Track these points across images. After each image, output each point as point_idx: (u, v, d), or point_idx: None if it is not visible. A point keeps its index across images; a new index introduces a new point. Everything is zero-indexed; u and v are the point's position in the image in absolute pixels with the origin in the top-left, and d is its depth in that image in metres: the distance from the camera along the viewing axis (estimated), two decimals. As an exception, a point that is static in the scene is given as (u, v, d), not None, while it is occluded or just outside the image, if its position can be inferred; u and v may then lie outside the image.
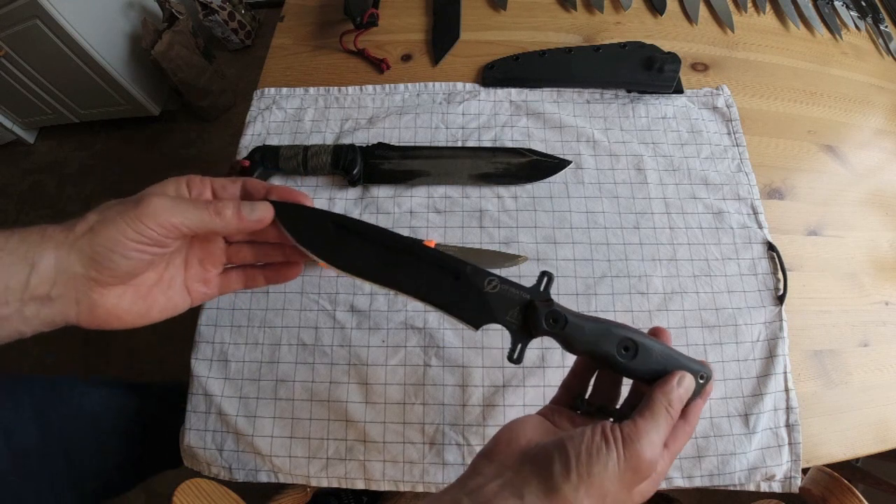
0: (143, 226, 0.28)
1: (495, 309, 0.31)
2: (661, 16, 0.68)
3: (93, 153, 1.67)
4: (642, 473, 0.26)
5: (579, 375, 0.34)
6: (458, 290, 0.31)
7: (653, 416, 0.28)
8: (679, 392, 0.29)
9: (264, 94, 0.62)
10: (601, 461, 0.25)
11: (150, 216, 0.28)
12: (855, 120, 0.63)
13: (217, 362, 0.48)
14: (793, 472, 0.44)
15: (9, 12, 1.21)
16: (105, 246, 0.28)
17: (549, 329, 0.30)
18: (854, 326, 0.51)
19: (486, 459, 0.28)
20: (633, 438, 0.26)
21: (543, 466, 0.26)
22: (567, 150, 0.57)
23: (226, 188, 0.33)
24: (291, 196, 0.33)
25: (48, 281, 0.28)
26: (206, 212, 0.29)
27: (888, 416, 0.48)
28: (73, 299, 0.29)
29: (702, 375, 0.30)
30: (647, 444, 0.26)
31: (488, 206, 0.54)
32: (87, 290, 0.29)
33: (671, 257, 0.51)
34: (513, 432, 0.29)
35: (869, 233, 0.56)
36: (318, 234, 0.32)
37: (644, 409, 0.28)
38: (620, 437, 0.26)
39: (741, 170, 0.56)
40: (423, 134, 0.58)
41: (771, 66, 0.65)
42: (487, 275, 0.31)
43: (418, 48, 0.66)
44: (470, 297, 0.31)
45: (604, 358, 0.30)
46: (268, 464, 0.45)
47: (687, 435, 0.30)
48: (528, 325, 0.31)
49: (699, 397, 0.30)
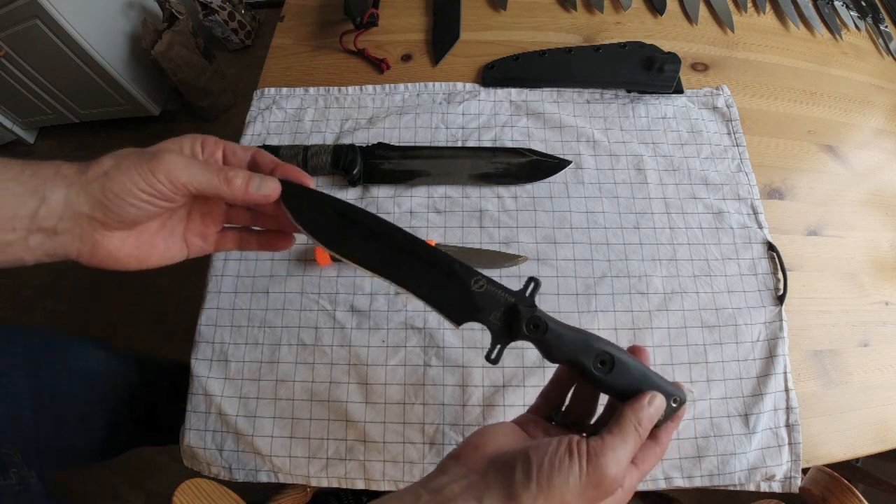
0: (155, 179, 0.29)
1: (480, 308, 0.31)
2: (661, 16, 0.68)
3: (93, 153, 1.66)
4: (604, 489, 0.26)
5: (558, 385, 0.34)
6: (447, 285, 0.32)
7: (621, 433, 0.27)
8: (649, 411, 0.29)
9: (264, 94, 0.62)
10: (563, 473, 0.25)
11: (163, 171, 0.29)
12: (855, 120, 0.63)
13: (217, 362, 0.48)
14: (793, 472, 0.44)
15: (9, 12, 1.21)
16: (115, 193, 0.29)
17: (529, 334, 0.30)
18: (854, 326, 0.51)
19: (454, 461, 0.28)
20: (598, 454, 0.26)
21: (506, 473, 0.26)
22: (567, 150, 0.57)
23: (237, 155, 0.34)
24: (297, 176, 0.33)
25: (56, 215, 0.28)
26: (216, 177, 0.30)
27: (888, 416, 0.48)
28: (77, 236, 0.29)
29: (675, 399, 0.30)
30: (611, 460, 0.26)
31: (488, 206, 0.54)
32: (91, 231, 0.30)
33: (671, 257, 0.51)
34: (484, 437, 0.29)
35: (869, 233, 0.56)
36: (318, 217, 0.32)
37: (613, 426, 0.28)
38: (585, 452, 0.26)
39: (741, 170, 0.56)
40: (423, 134, 0.58)
41: (771, 66, 0.65)
42: (475, 274, 0.32)
43: (418, 48, 0.66)
44: (456, 294, 0.31)
45: (580, 369, 0.30)
46: (268, 464, 0.45)
47: (657, 456, 0.30)
48: (510, 327, 0.31)
49: (671, 420, 0.30)
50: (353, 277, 0.51)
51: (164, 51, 1.37)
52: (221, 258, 0.52)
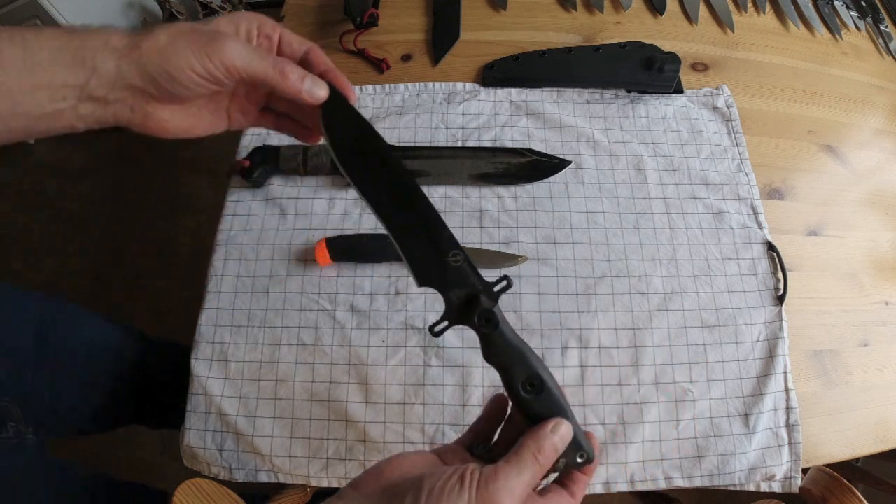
0: (211, 64, 0.29)
1: (446, 280, 0.32)
2: (661, 16, 0.68)
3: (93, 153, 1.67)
4: None
5: (487, 421, 0.34)
6: (427, 245, 0.32)
7: (517, 462, 0.26)
8: (552, 439, 0.27)
9: (264, 94, 0.62)
10: (451, 500, 0.24)
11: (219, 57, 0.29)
12: (855, 120, 0.63)
13: (217, 362, 0.48)
14: (793, 472, 0.44)
15: (9, 12, 1.21)
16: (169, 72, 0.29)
17: (478, 325, 0.31)
18: (854, 326, 0.51)
19: (352, 488, 0.28)
20: (489, 482, 0.25)
21: (397, 499, 0.25)
22: (567, 150, 0.57)
23: (291, 46, 0.34)
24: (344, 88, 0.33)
25: (107, 86, 0.29)
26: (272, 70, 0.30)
27: (888, 416, 0.48)
28: (128, 106, 0.30)
29: (581, 454, 0.29)
30: (503, 489, 0.25)
31: (488, 206, 0.54)
32: (142, 102, 0.30)
33: (671, 257, 0.51)
34: (390, 464, 0.28)
35: (869, 233, 0.56)
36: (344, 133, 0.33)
37: (511, 454, 0.27)
38: (477, 480, 0.25)
39: (741, 170, 0.56)
40: (423, 134, 0.58)
41: (771, 66, 0.65)
42: (456, 247, 0.32)
43: (418, 48, 0.66)
44: (432, 257, 0.32)
45: (508, 381, 0.30)
46: (268, 464, 0.45)
47: None
48: (465, 311, 0.31)
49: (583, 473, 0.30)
50: (353, 277, 0.51)
51: (164, 51, 1.37)
52: (221, 258, 0.52)
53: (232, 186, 0.56)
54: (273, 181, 0.56)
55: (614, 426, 0.45)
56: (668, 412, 0.45)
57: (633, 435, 0.44)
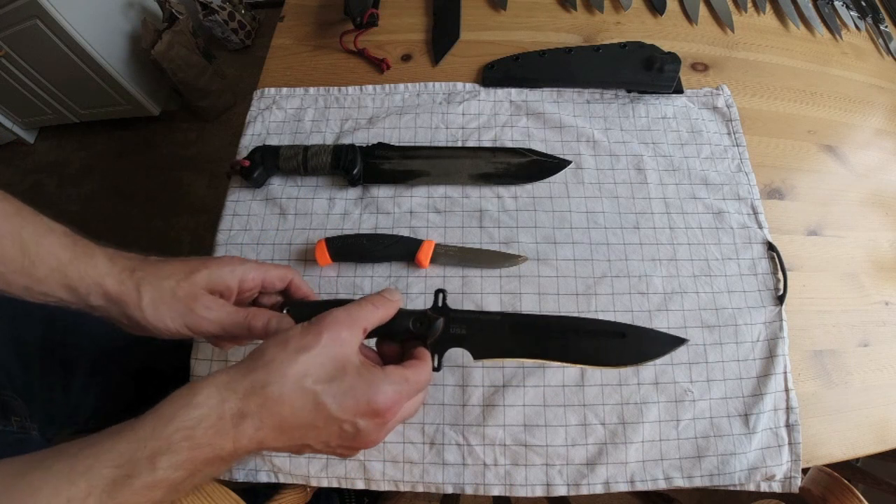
0: (185, 328, 0.36)
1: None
2: (661, 16, 0.68)
3: (93, 153, 1.67)
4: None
5: None
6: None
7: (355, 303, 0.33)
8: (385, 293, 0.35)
9: (264, 94, 0.62)
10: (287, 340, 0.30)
11: (194, 322, 0.36)
12: (855, 120, 0.63)
13: (217, 362, 0.48)
14: (793, 472, 0.44)
15: (9, 12, 1.21)
16: (147, 326, 0.36)
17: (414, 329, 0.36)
18: (854, 326, 0.51)
19: None
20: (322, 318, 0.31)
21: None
22: (567, 150, 0.57)
23: (274, 284, 0.41)
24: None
25: (97, 308, 0.36)
26: (242, 323, 0.37)
27: (888, 416, 0.48)
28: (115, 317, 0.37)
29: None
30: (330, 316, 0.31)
31: (488, 206, 0.54)
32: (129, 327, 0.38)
33: (671, 257, 0.51)
34: None
35: (869, 233, 0.56)
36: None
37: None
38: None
39: (741, 170, 0.56)
40: (423, 134, 0.58)
41: (771, 66, 0.65)
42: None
43: (418, 48, 0.66)
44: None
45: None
46: (268, 464, 0.45)
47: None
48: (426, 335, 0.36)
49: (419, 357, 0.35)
50: (353, 277, 0.51)
51: (164, 51, 1.37)
52: (221, 258, 0.52)
53: (232, 186, 0.56)
54: (273, 181, 0.56)
55: (614, 426, 0.45)
56: (668, 412, 0.45)
57: (633, 435, 0.44)
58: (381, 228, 0.53)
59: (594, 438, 0.44)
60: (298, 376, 0.28)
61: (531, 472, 0.44)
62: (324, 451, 0.31)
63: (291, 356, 0.29)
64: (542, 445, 0.44)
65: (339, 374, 0.29)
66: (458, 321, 0.38)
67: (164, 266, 0.37)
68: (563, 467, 0.44)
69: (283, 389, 0.28)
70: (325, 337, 0.29)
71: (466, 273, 0.50)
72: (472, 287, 0.50)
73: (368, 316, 0.33)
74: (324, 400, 0.28)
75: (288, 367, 0.28)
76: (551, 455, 0.44)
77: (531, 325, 0.38)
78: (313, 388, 0.28)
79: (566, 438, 0.44)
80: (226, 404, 0.27)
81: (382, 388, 0.30)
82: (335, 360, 0.29)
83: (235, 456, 0.28)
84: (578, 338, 0.37)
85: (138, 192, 1.56)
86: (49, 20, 1.23)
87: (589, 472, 0.43)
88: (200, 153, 1.60)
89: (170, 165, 1.59)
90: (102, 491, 0.24)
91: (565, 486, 0.43)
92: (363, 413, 0.29)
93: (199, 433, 0.26)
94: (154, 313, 0.35)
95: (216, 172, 1.55)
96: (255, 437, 0.28)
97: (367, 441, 0.31)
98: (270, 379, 0.28)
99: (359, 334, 0.32)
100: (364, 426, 0.30)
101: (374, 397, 0.29)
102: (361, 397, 0.29)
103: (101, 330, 0.58)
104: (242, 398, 0.27)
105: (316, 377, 0.29)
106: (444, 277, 0.50)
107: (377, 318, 0.33)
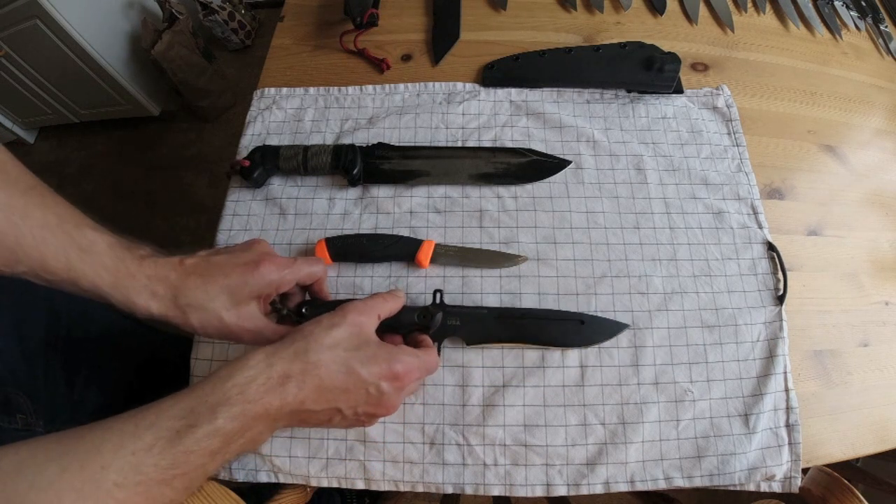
0: (235, 335, 0.40)
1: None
2: (661, 16, 0.68)
3: (93, 153, 1.67)
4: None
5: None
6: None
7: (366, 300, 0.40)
8: (391, 291, 0.44)
9: (264, 94, 0.62)
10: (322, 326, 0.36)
11: (242, 334, 0.40)
12: (855, 120, 0.63)
13: (217, 362, 0.48)
14: (793, 472, 0.44)
15: (9, 12, 1.21)
16: (191, 325, 0.38)
17: (419, 321, 0.44)
18: (854, 326, 0.51)
19: None
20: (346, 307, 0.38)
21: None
22: (567, 150, 0.57)
23: (302, 283, 0.44)
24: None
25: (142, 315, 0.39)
26: (281, 333, 0.40)
27: (888, 416, 0.48)
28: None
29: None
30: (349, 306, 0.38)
31: (488, 206, 0.54)
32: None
33: (671, 257, 0.51)
34: None
35: (869, 233, 0.56)
36: None
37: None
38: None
39: (741, 170, 0.56)
40: (423, 134, 0.58)
41: (771, 66, 0.65)
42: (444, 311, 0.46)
43: (418, 48, 0.66)
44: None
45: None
46: (268, 464, 0.45)
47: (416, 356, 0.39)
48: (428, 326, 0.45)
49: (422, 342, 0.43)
50: (353, 277, 0.51)
51: (164, 51, 1.37)
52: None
53: (232, 186, 0.56)
54: (273, 181, 0.56)
55: (614, 426, 0.45)
56: (668, 412, 0.45)
57: (633, 435, 0.44)
58: (381, 228, 0.53)
59: (594, 438, 0.44)
60: (332, 345, 0.34)
61: (531, 472, 0.44)
62: (351, 417, 0.36)
63: (325, 330, 0.35)
64: (542, 445, 0.44)
65: (364, 345, 0.36)
66: (453, 314, 0.46)
67: (207, 286, 0.38)
68: (563, 467, 0.44)
69: (320, 356, 0.33)
70: (349, 317, 0.36)
71: (466, 273, 0.50)
72: (472, 287, 0.50)
73: (382, 305, 0.40)
74: (353, 365, 0.34)
75: (324, 338, 0.34)
76: (551, 455, 0.44)
77: (511, 315, 0.47)
78: (344, 354, 0.34)
79: (566, 438, 0.44)
80: (273, 367, 0.32)
81: (399, 356, 0.36)
82: (359, 336, 0.36)
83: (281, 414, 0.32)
84: (548, 324, 0.47)
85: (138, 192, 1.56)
86: (49, 20, 1.23)
87: (589, 472, 0.43)
88: (200, 153, 1.60)
89: (170, 165, 1.59)
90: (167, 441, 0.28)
91: (565, 486, 0.43)
92: (385, 376, 0.35)
93: (251, 389, 0.31)
94: (201, 330, 0.39)
95: (216, 172, 1.55)
96: (298, 396, 0.32)
97: (388, 404, 0.37)
98: (309, 347, 0.34)
99: (374, 319, 0.39)
100: (386, 388, 0.35)
101: (394, 364, 0.36)
102: (384, 363, 0.35)
103: (107, 319, 0.58)
104: (287, 362, 0.33)
105: (346, 346, 0.35)
106: (444, 277, 0.50)
107: (388, 308, 0.41)
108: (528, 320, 0.47)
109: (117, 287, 0.36)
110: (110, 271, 0.36)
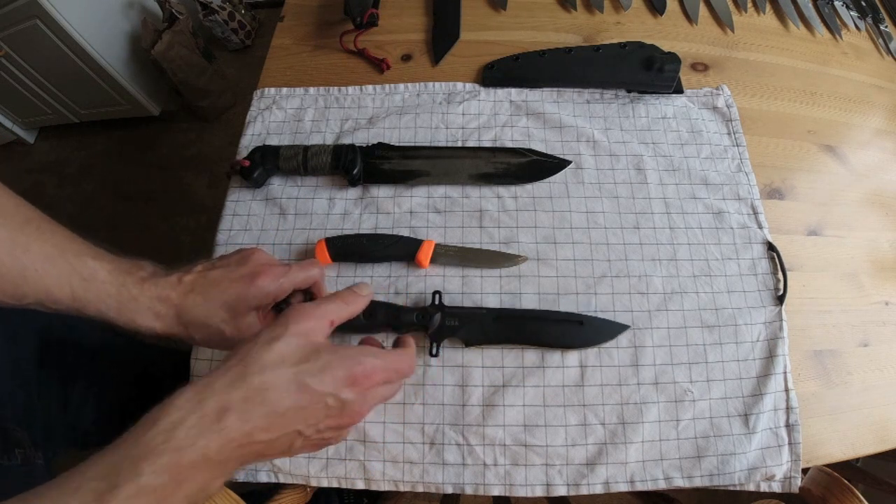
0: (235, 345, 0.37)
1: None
2: (661, 16, 0.68)
3: (93, 153, 1.67)
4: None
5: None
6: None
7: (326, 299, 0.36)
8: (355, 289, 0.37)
9: (264, 94, 0.62)
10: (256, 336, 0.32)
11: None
12: (855, 120, 0.63)
13: (217, 363, 0.48)
14: (793, 472, 0.44)
15: (9, 12, 1.21)
16: (195, 341, 0.39)
17: (418, 321, 0.46)
18: (854, 326, 0.51)
19: None
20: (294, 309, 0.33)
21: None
22: (567, 150, 0.57)
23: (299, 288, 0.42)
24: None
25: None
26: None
27: (888, 416, 0.48)
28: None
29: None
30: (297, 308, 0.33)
31: (488, 206, 0.54)
32: None
33: (671, 257, 0.51)
34: None
35: (869, 233, 0.56)
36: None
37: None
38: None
39: (741, 170, 0.56)
40: (423, 134, 0.58)
41: (771, 66, 0.65)
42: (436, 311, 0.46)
43: (418, 48, 0.66)
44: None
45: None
46: (268, 464, 0.45)
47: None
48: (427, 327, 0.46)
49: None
50: (353, 278, 0.51)
51: (164, 51, 1.37)
52: (221, 258, 0.52)
53: (232, 186, 0.56)
54: (273, 181, 0.56)
55: (614, 426, 0.45)
56: (668, 412, 0.45)
57: (633, 435, 0.44)
58: (381, 228, 0.53)
59: (594, 438, 0.44)
60: (275, 362, 0.29)
61: (531, 472, 0.44)
62: (314, 437, 0.32)
63: (263, 347, 0.30)
64: (542, 445, 0.44)
65: (313, 354, 0.31)
66: (452, 315, 0.46)
67: (207, 303, 0.38)
68: (563, 467, 0.44)
69: (263, 377, 0.29)
70: (291, 326, 0.31)
71: (466, 273, 0.50)
72: (473, 287, 0.50)
73: (336, 310, 0.34)
74: (304, 378, 0.29)
75: (263, 357, 0.29)
76: (551, 455, 0.44)
77: (509, 316, 0.47)
78: (292, 370, 0.29)
79: (566, 438, 0.44)
80: (205, 403, 0.27)
81: (357, 357, 0.32)
82: (306, 346, 0.31)
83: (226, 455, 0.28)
84: (547, 325, 0.46)
85: (138, 192, 1.56)
86: (49, 20, 1.22)
87: (589, 473, 0.43)
88: (200, 153, 1.60)
89: (170, 165, 1.59)
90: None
91: (565, 486, 0.43)
92: (344, 383, 0.31)
93: (179, 434, 0.26)
94: (205, 344, 0.39)
95: (216, 172, 1.55)
96: (243, 428, 0.27)
97: (353, 414, 0.32)
98: (248, 370, 0.29)
99: (325, 326, 0.33)
100: (347, 397, 0.31)
101: (352, 367, 0.31)
102: (339, 369, 0.31)
103: (98, 334, 0.58)
104: (222, 394, 0.28)
105: (293, 360, 0.30)
106: (444, 277, 0.50)
107: (346, 313, 0.35)
108: (526, 321, 0.47)
109: (122, 312, 0.36)
110: (114, 297, 0.36)
